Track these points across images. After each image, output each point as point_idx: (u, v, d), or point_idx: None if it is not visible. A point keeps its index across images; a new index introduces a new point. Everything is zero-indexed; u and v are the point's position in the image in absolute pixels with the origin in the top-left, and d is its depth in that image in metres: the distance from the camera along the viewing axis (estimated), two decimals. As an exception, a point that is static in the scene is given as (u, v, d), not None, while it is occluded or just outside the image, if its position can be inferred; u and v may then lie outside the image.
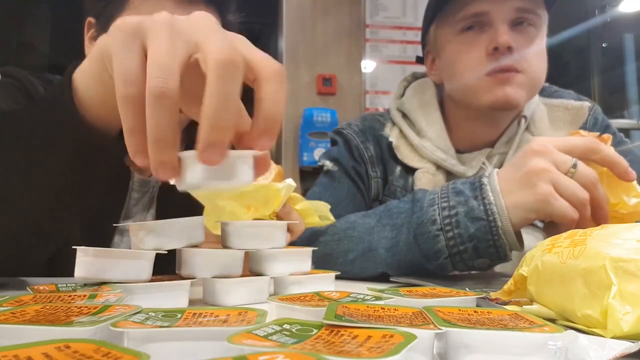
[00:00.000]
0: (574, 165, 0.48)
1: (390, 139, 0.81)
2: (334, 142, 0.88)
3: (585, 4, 3.10)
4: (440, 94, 0.84)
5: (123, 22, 0.28)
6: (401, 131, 0.82)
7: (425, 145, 0.78)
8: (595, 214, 0.49)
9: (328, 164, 0.83)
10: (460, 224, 0.52)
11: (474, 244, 0.51)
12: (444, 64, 0.79)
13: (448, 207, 0.53)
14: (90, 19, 0.69)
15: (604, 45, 3.20)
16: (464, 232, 0.52)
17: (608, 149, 0.49)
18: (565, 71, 3.27)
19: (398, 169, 0.80)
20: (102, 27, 0.67)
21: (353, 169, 0.81)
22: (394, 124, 0.84)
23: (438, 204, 0.54)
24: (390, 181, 0.80)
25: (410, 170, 0.79)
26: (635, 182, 0.49)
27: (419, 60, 0.89)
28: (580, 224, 0.47)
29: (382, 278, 0.59)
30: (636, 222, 0.48)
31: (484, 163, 0.68)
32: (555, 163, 0.48)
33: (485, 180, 0.53)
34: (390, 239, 0.58)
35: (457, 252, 0.52)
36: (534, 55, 0.72)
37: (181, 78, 0.26)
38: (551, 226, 0.51)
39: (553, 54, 0.76)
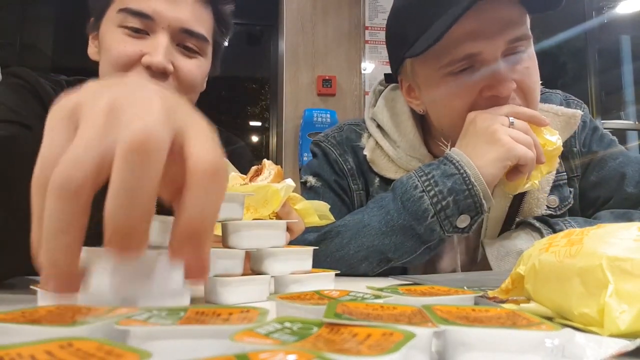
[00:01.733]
0: (512, 123, 0.61)
1: (365, 152, 0.78)
2: (314, 154, 0.84)
3: (582, 5, 3.11)
4: None
5: (61, 104, 0.25)
6: (377, 142, 0.78)
7: (400, 156, 0.75)
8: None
9: (311, 180, 0.80)
10: (438, 182, 0.61)
11: (454, 197, 0.60)
12: (429, 103, 0.72)
13: (424, 174, 0.63)
14: (92, 19, 0.69)
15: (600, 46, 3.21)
16: (442, 187, 0.60)
17: (524, 108, 0.63)
18: (563, 72, 3.27)
19: (377, 180, 0.78)
20: (96, 21, 0.67)
21: (336, 183, 0.79)
22: (370, 134, 0.80)
23: (416, 176, 0.64)
24: (371, 192, 0.78)
25: (389, 181, 0.74)
26: (547, 127, 0.65)
27: (389, 80, 0.81)
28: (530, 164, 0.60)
29: (382, 275, 0.60)
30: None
31: (445, 145, 0.67)
32: (500, 122, 0.61)
33: (446, 151, 0.64)
34: (380, 214, 0.65)
35: (441, 209, 0.60)
36: (534, 89, 0.66)
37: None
38: (513, 173, 0.62)
39: (550, 55, 0.75)
